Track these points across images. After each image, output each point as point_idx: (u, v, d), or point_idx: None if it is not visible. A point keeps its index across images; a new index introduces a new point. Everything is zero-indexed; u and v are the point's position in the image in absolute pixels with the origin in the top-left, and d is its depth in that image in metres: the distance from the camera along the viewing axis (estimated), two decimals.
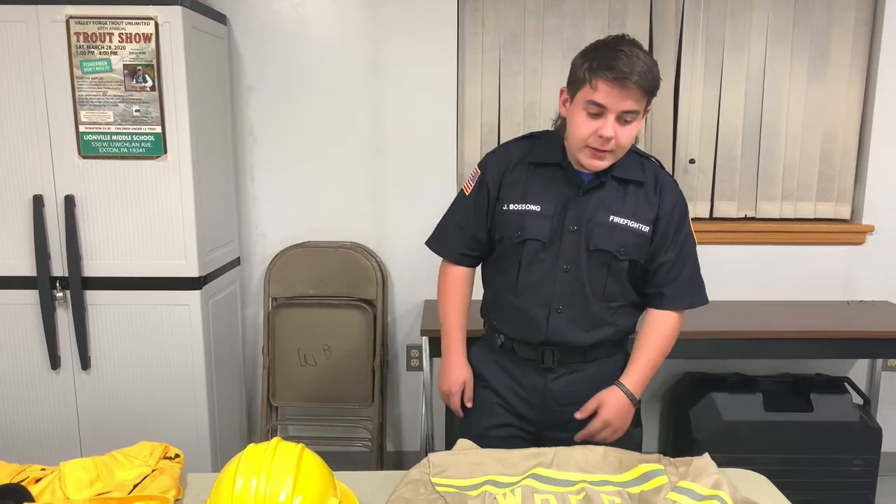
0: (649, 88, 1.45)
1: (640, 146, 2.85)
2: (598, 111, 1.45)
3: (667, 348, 1.65)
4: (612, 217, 1.55)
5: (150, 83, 2.21)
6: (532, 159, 1.61)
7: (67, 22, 2.18)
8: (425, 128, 2.78)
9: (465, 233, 1.68)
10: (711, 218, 2.95)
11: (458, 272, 1.72)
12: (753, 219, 2.95)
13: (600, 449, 1.43)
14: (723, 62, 2.84)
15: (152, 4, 2.18)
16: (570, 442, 1.56)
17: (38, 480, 1.37)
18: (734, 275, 2.90)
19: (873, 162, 2.84)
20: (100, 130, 2.24)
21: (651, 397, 3.00)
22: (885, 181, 2.85)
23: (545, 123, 2.87)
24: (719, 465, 1.36)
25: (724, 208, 2.94)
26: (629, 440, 1.63)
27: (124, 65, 2.20)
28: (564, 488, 1.32)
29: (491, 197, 1.63)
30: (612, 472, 1.38)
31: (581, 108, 1.47)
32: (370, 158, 2.82)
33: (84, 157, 2.26)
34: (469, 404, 1.67)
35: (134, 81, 2.21)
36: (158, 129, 2.24)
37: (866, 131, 2.86)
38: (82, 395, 2.40)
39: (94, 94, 2.21)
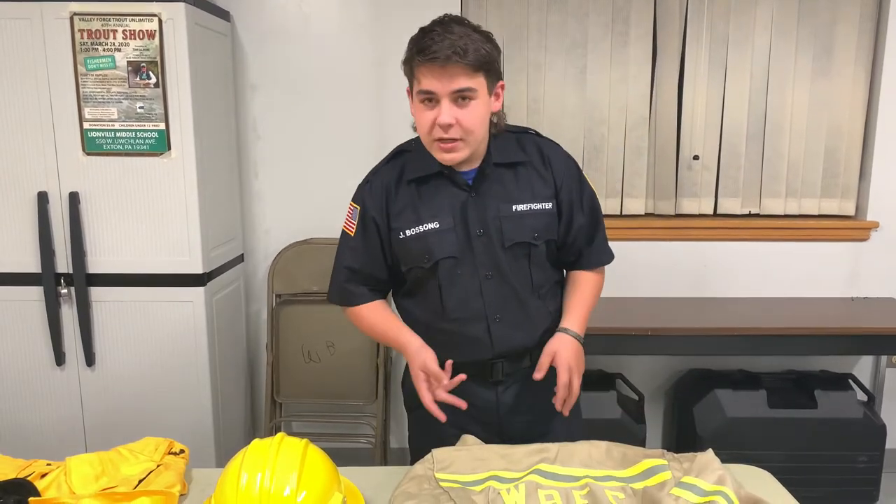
0: (476, 62, 1.33)
1: (643, 141, 2.86)
2: (429, 97, 1.36)
3: (597, 294, 1.61)
4: (514, 206, 1.47)
5: (153, 80, 2.22)
6: (410, 176, 1.49)
7: (71, 19, 2.18)
8: None
9: (362, 275, 1.54)
10: (715, 214, 2.94)
11: (369, 305, 1.56)
12: (757, 215, 2.95)
13: (603, 444, 1.43)
14: (727, 58, 2.83)
15: (156, 1, 2.18)
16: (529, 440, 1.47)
17: (43, 475, 1.37)
18: (738, 271, 2.90)
19: (878, 158, 2.83)
20: (104, 127, 2.24)
21: (655, 394, 3.00)
22: (889, 177, 2.84)
23: (548, 119, 2.88)
24: (723, 461, 1.36)
25: (728, 205, 2.94)
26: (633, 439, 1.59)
27: (128, 62, 2.20)
28: (568, 483, 1.32)
29: (381, 229, 1.50)
30: (615, 467, 1.38)
31: (418, 103, 1.40)
32: (374, 155, 2.79)
33: (88, 154, 2.26)
34: (444, 382, 1.41)
35: (138, 78, 2.21)
36: (162, 126, 2.25)
37: (871, 127, 2.85)
38: (87, 391, 2.41)
39: (99, 90, 2.22)
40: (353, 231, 1.53)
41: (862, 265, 2.90)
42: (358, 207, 1.53)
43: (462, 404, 1.41)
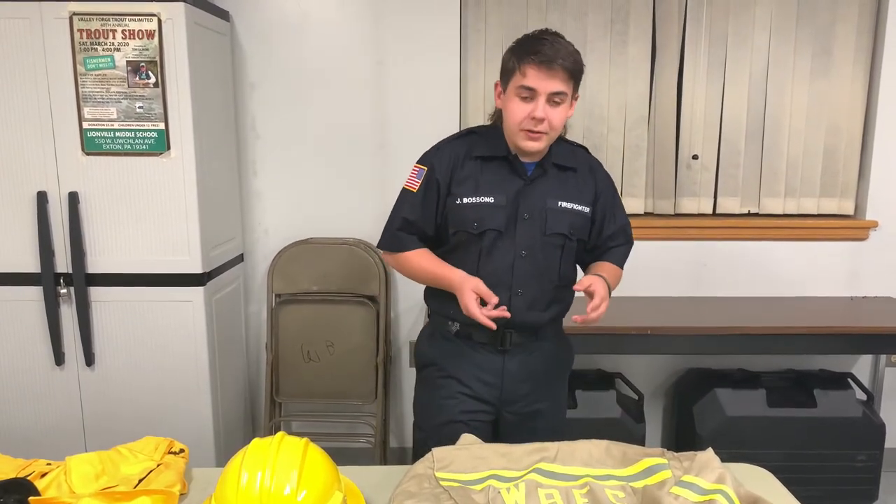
0: (573, 71, 1.57)
1: (643, 140, 2.86)
2: (529, 94, 1.56)
3: (618, 279, 1.78)
4: (560, 202, 1.68)
5: (153, 80, 2.21)
6: (478, 154, 1.69)
7: (71, 19, 2.18)
8: (428, 123, 2.77)
9: (415, 227, 1.73)
10: (714, 214, 2.94)
11: (416, 251, 1.74)
12: (757, 215, 2.95)
13: (603, 443, 1.43)
14: (726, 57, 2.84)
15: (155, 1, 2.18)
16: (525, 411, 1.72)
17: (43, 475, 1.38)
18: (737, 271, 2.90)
19: (877, 157, 2.84)
20: (103, 127, 2.24)
21: (654, 393, 3.00)
22: (889, 177, 2.84)
23: None
24: (723, 460, 1.36)
25: (727, 204, 2.94)
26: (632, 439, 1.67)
27: (127, 61, 2.20)
28: (568, 482, 1.32)
29: (441, 192, 1.69)
30: (615, 466, 1.38)
31: (514, 95, 1.59)
32: (373, 154, 2.82)
33: (88, 154, 2.26)
34: (494, 300, 1.56)
35: (137, 78, 2.21)
36: (162, 126, 2.24)
37: (870, 127, 2.85)
38: (86, 391, 2.41)
39: (98, 90, 2.22)
40: (416, 188, 1.71)
41: (861, 264, 2.90)
42: (425, 168, 1.71)
43: (507, 314, 1.56)
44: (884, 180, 2.85)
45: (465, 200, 1.67)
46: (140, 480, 1.34)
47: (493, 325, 1.56)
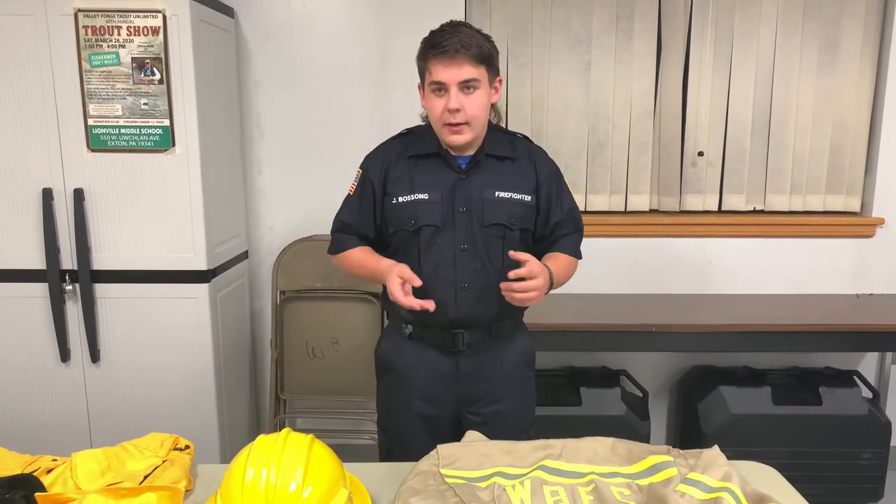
0: (479, 56, 1.57)
1: (648, 136, 2.85)
2: (440, 87, 1.58)
3: (569, 269, 1.75)
4: (496, 192, 1.68)
5: (158, 76, 2.21)
6: (411, 153, 1.71)
7: (76, 15, 2.18)
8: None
9: (353, 230, 1.76)
10: (720, 211, 2.94)
11: (354, 249, 1.76)
12: (762, 212, 2.94)
13: (609, 440, 1.43)
14: (732, 53, 2.82)
15: None
16: (485, 412, 1.72)
17: (49, 471, 1.38)
18: (742, 268, 2.89)
19: (884, 154, 2.82)
20: (108, 124, 2.24)
21: (659, 390, 2.99)
22: (895, 173, 2.83)
23: (553, 115, 2.88)
24: (728, 458, 1.36)
25: (733, 201, 2.93)
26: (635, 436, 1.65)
27: (132, 58, 2.20)
28: (574, 480, 1.32)
29: (377, 193, 1.72)
30: (621, 463, 1.37)
31: (429, 93, 1.61)
32: None
33: (93, 151, 2.26)
34: (416, 283, 1.56)
35: (142, 74, 2.21)
36: (166, 123, 2.24)
37: (877, 123, 2.84)
38: (92, 388, 2.42)
39: (103, 87, 2.22)
40: (353, 191, 1.76)
41: (867, 262, 2.89)
42: (361, 171, 1.76)
43: (431, 306, 1.55)
44: (890, 177, 2.83)
45: (400, 199, 1.68)
46: (145, 477, 1.34)
47: (416, 306, 1.53)
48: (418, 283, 1.57)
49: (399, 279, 1.56)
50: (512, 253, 1.58)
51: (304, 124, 2.79)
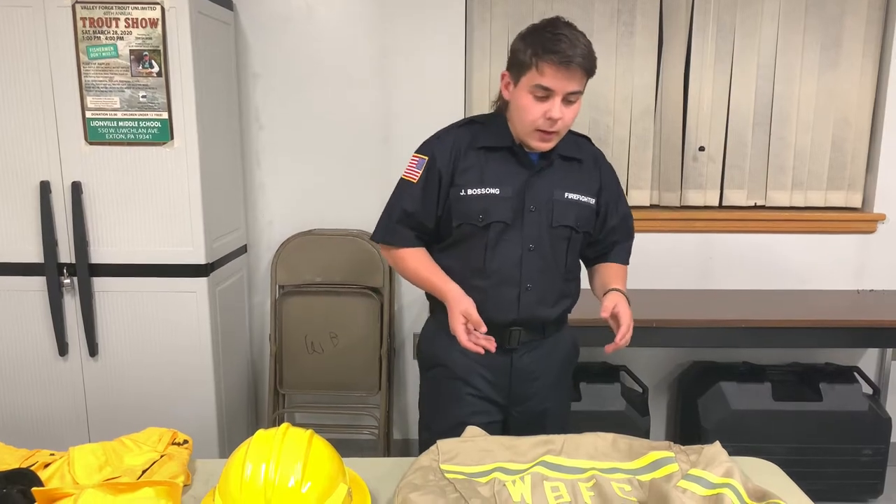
0: (590, 69, 1.52)
1: (649, 132, 2.84)
2: (545, 94, 1.50)
3: (625, 278, 1.75)
4: (566, 194, 1.64)
5: (156, 69, 2.20)
6: (482, 144, 1.63)
7: (73, 7, 2.16)
8: (433, 114, 2.75)
9: (414, 220, 1.66)
10: (720, 206, 2.93)
11: (414, 250, 1.69)
12: (763, 207, 2.93)
13: (609, 436, 1.42)
14: (733, 49, 2.81)
15: None
16: (534, 410, 1.70)
17: (46, 465, 1.37)
18: (743, 263, 2.89)
19: (885, 150, 2.81)
20: (106, 116, 2.23)
21: (659, 386, 2.99)
22: None
23: None
24: (728, 454, 1.35)
25: (734, 196, 2.92)
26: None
27: (130, 50, 2.19)
28: (574, 475, 1.31)
29: (443, 183, 1.63)
30: (622, 459, 1.37)
31: (527, 92, 1.52)
32: (377, 145, 2.81)
33: (91, 144, 2.25)
34: (482, 329, 1.53)
35: (140, 67, 2.20)
36: (165, 116, 2.23)
37: (879, 119, 2.82)
38: (90, 382, 2.41)
39: (101, 79, 2.20)
40: (417, 179, 1.65)
41: (868, 257, 2.88)
42: (426, 158, 1.65)
43: (492, 347, 1.52)
44: (892, 173, 2.82)
45: (470, 192, 1.61)
46: (144, 471, 1.34)
47: (481, 351, 1.51)
48: (484, 328, 1.51)
49: (463, 319, 1.53)
50: (603, 314, 1.57)
51: (304, 118, 2.78)
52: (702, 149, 2.87)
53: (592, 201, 1.68)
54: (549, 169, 1.64)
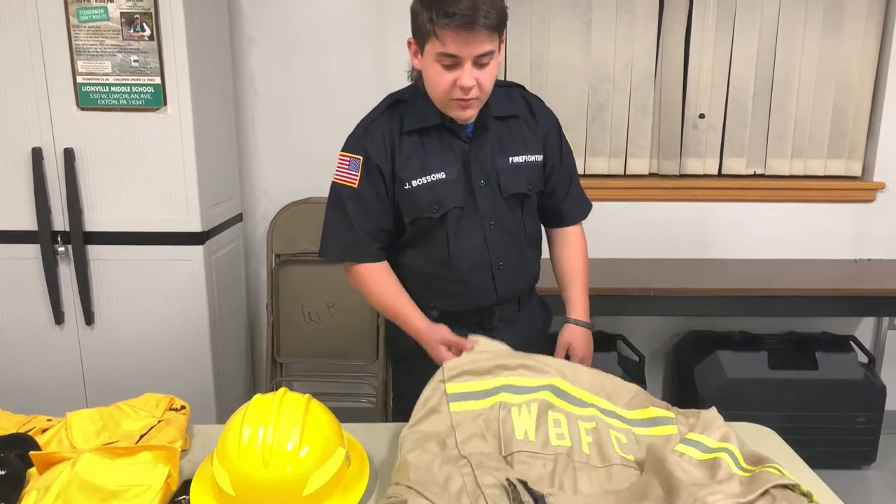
0: (497, 25, 1.34)
1: (649, 99, 2.80)
2: (453, 62, 1.36)
3: (587, 262, 1.68)
4: (510, 158, 1.53)
5: (148, 32, 2.15)
6: (411, 127, 1.50)
7: None
8: None
9: (371, 227, 1.51)
10: (720, 175, 2.90)
11: (377, 268, 1.55)
12: (762, 176, 2.91)
13: (618, 379, 1.43)
14: (735, 14, 2.76)
15: None
16: None
17: (44, 431, 1.37)
18: (741, 233, 2.87)
19: (887, 117, 2.78)
20: (98, 81, 2.19)
21: (655, 355, 3.00)
22: None
23: (553, 77, 2.82)
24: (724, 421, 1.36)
25: (733, 165, 2.90)
26: None
27: (121, 13, 2.14)
28: (577, 409, 1.32)
29: (387, 180, 1.49)
30: (623, 404, 1.37)
31: (433, 62, 1.38)
32: None
33: (83, 109, 2.21)
34: (469, 346, 1.44)
35: (132, 30, 2.15)
36: (158, 81, 2.19)
37: (881, 85, 2.79)
38: (87, 350, 2.40)
39: (92, 43, 2.16)
40: (357, 182, 1.49)
41: (867, 227, 2.87)
42: (359, 157, 1.49)
43: (470, 346, 1.44)
44: (893, 141, 2.80)
45: (416, 183, 1.48)
46: (141, 436, 1.33)
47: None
48: (469, 346, 1.42)
49: (444, 347, 1.44)
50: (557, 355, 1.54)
51: (299, 83, 2.74)
52: (702, 116, 2.84)
53: (539, 157, 1.57)
54: (487, 135, 1.52)
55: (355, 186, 1.49)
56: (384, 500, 1.07)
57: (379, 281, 1.55)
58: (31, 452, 1.21)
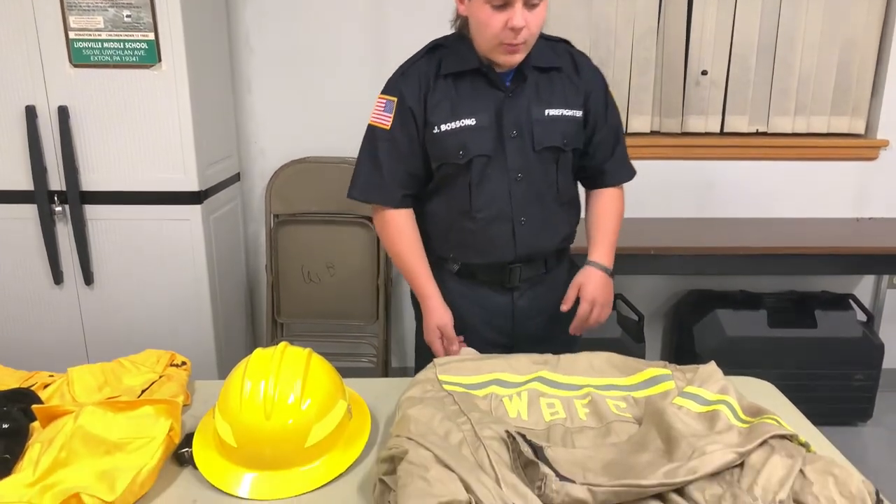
0: None
1: (651, 54, 2.75)
2: (503, 2, 1.34)
3: (620, 221, 1.66)
4: (546, 111, 1.50)
5: None
6: (448, 71, 1.49)
7: None
8: (429, 36, 2.64)
9: (400, 171, 1.52)
10: (722, 133, 2.87)
11: (401, 216, 1.56)
12: (765, 134, 2.88)
13: (604, 354, 1.43)
14: None
15: None
16: (537, 348, 1.53)
17: (46, 386, 1.38)
18: (743, 191, 2.86)
19: (892, 74, 2.75)
20: (90, 37, 2.14)
21: (655, 314, 3.00)
22: None
23: (553, 31, 2.74)
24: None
25: (736, 123, 2.86)
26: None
27: None
28: (570, 392, 1.32)
29: (418, 123, 1.50)
30: (617, 375, 1.37)
31: (483, 4, 1.37)
32: (372, 70, 2.72)
33: (76, 66, 2.17)
34: (455, 347, 1.52)
35: None
36: (151, 36, 2.15)
37: (886, 42, 2.75)
38: (87, 311, 2.40)
39: None
40: (390, 124, 1.50)
41: (869, 185, 2.85)
42: (394, 99, 1.51)
43: (459, 348, 1.52)
44: None
45: (444, 127, 1.47)
46: (143, 391, 1.34)
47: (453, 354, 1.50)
48: (456, 347, 1.50)
49: (438, 333, 1.51)
50: (564, 307, 1.53)
51: (296, 41, 2.69)
52: (704, 73, 2.80)
53: (579, 114, 1.53)
54: (525, 86, 1.50)
55: (388, 128, 1.51)
56: (385, 451, 1.07)
57: (401, 233, 1.56)
58: (34, 406, 1.22)
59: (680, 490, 1.01)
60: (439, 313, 1.53)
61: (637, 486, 0.99)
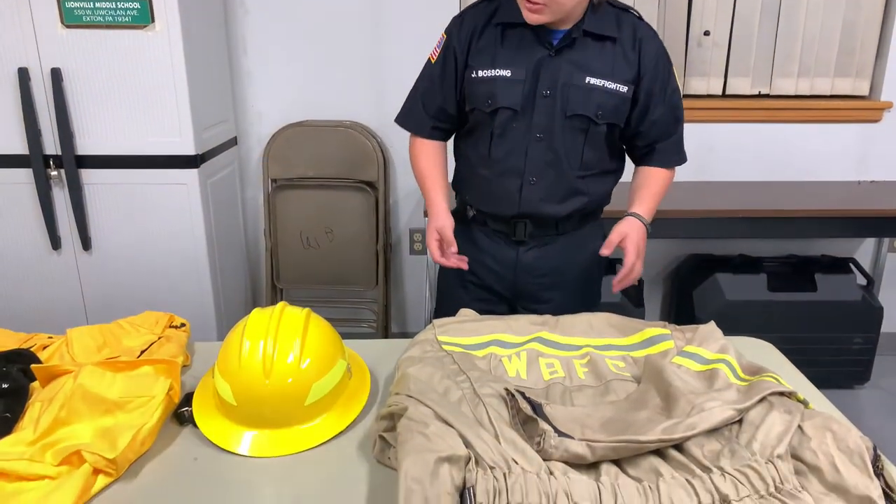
0: None
1: (653, 13, 2.70)
2: None
3: (665, 190, 1.65)
4: (587, 78, 1.46)
5: None
6: (499, 20, 1.49)
7: None
8: (427, 1, 2.62)
9: (433, 104, 1.58)
10: (724, 95, 2.84)
11: (428, 144, 1.63)
12: (768, 96, 2.84)
13: (603, 314, 1.43)
14: None
15: None
16: (536, 311, 1.51)
17: (45, 347, 1.37)
18: (745, 154, 2.83)
19: None
20: None
21: (655, 279, 3.00)
22: None
23: None
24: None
25: (738, 84, 2.83)
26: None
27: None
28: (569, 352, 1.32)
29: (459, 63, 1.53)
30: (616, 335, 1.37)
31: None
32: (369, 31, 2.68)
33: (68, 27, 2.13)
34: (453, 249, 1.53)
35: None
36: None
37: (892, 3, 2.70)
38: (85, 276, 2.40)
39: None
40: (435, 59, 1.57)
41: (872, 147, 2.83)
42: (445, 37, 1.57)
43: (464, 266, 1.54)
44: None
45: (481, 73, 1.49)
46: (142, 352, 1.34)
47: (453, 265, 1.53)
48: (454, 248, 1.52)
49: (437, 235, 1.53)
50: (603, 251, 1.50)
51: (291, 1, 2.63)
52: (707, 33, 2.75)
53: (624, 89, 1.48)
54: (572, 49, 1.46)
55: (433, 62, 1.58)
56: (385, 408, 1.08)
57: (424, 154, 1.62)
58: (33, 365, 1.22)
59: (678, 446, 1.02)
60: (441, 217, 1.55)
61: (635, 441, 0.99)
